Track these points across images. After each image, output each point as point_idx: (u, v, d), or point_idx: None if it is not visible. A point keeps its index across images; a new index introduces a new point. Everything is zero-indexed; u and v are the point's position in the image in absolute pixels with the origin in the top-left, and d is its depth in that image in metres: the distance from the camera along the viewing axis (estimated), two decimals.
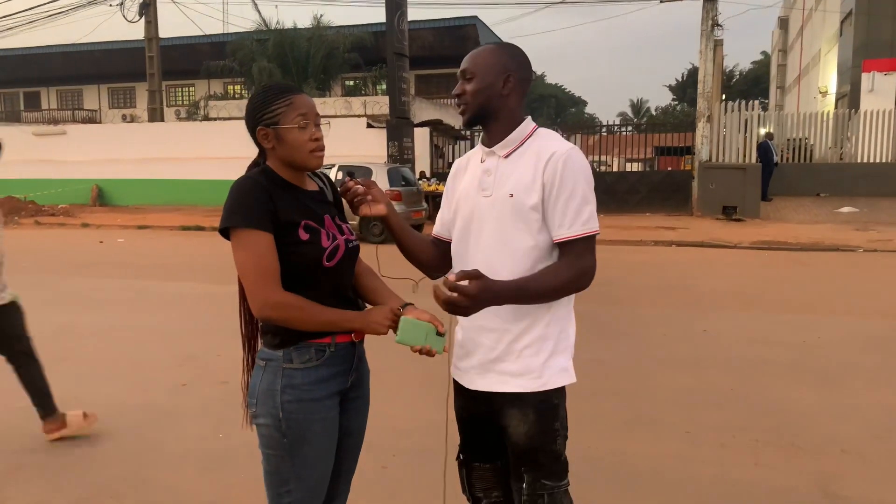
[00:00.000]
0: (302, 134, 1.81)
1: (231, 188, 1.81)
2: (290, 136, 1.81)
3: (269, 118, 1.82)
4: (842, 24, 27.51)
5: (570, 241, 1.82)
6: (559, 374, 1.91)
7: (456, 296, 1.68)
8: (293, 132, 1.81)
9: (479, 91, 1.89)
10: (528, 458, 1.90)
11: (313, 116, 1.84)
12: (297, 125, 1.81)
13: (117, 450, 3.73)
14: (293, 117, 1.81)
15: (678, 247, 12.33)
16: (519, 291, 1.79)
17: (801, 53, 39.07)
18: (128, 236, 15.13)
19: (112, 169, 21.58)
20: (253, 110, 1.85)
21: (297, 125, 1.81)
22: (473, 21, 30.71)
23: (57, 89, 40.45)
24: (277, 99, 1.83)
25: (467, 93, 1.91)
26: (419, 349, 1.80)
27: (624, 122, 41.44)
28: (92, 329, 6.48)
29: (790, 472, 3.35)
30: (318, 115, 1.87)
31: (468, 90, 1.91)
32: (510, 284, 1.79)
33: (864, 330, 6.12)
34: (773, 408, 4.22)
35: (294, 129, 1.81)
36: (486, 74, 1.89)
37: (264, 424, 1.83)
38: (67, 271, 10.17)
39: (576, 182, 1.82)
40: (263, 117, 1.83)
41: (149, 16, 22.71)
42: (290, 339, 1.82)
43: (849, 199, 17.15)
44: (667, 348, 5.63)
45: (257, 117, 1.84)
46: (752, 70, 65.30)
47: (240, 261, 1.78)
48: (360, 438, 2.04)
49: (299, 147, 1.82)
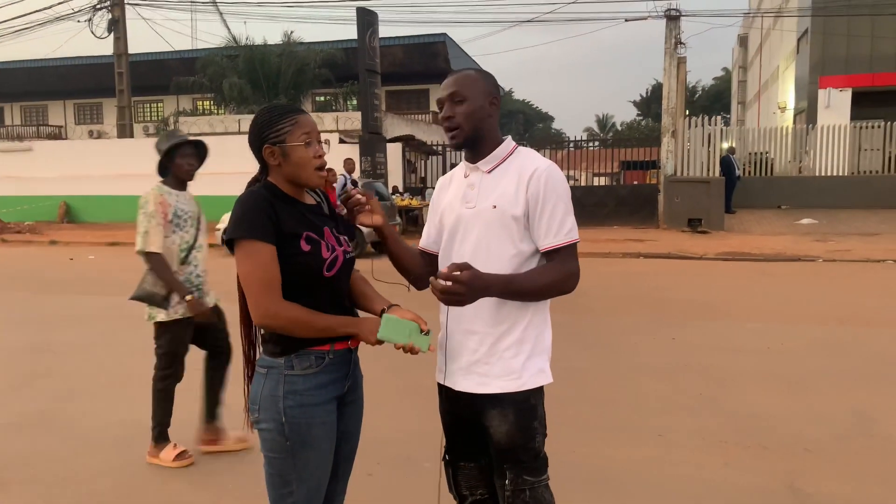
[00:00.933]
0: (307, 151, 1.93)
1: (236, 202, 1.91)
2: (295, 154, 1.92)
3: (274, 137, 1.92)
4: (798, 42, 28.41)
5: (556, 248, 1.97)
6: (537, 375, 2.05)
7: (451, 284, 1.80)
8: (299, 150, 1.92)
9: (471, 113, 2.01)
10: (510, 455, 2.03)
11: (316, 135, 1.96)
12: (302, 143, 1.92)
13: (106, 463, 3.77)
14: (298, 135, 1.92)
15: (646, 258, 12.62)
16: (508, 284, 1.93)
17: (761, 70, 40.21)
18: (98, 253, 14.95)
19: (80, 185, 21.29)
20: (259, 129, 1.95)
21: (303, 143, 1.92)
22: (443, 38, 31.06)
23: (21, 104, 39.78)
24: (283, 118, 1.93)
25: (458, 115, 2.01)
26: (402, 346, 1.90)
27: (590, 137, 42.15)
28: (70, 346, 6.46)
29: (758, 472, 3.53)
30: (319, 134, 2.00)
31: (459, 112, 2.01)
32: (500, 276, 1.93)
33: (825, 336, 6.39)
34: (742, 411, 4.41)
35: (300, 147, 1.92)
36: (477, 97, 2.02)
37: (267, 429, 1.92)
38: (38, 289, 10.05)
39: (557, 196, 1.98)
40: (269, 136, 1.93)
41: (118, 32, 22.53)
42: (290, 347, 1.91)
43: (808, 211, 17.72)
44: (640, 356, 5.82)
45: (263, 136, 1.94)
46: (714, 86, 66.91)
47: (243, 271, 1.88)
48: (356, 441, 2.14)
49: (305, 164, 1.93)
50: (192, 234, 3.80)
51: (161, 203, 3.67)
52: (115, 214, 21.11)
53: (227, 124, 22.98)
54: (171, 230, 3.70)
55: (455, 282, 1.80)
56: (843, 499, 3.24)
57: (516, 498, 2.03)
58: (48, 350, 6.30)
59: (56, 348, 6.37)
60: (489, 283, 1.88)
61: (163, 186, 3.76)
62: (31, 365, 5.81)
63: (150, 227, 3.63)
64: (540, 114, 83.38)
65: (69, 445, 4.02)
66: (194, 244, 3.81)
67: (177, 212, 3.73)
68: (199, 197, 4.11)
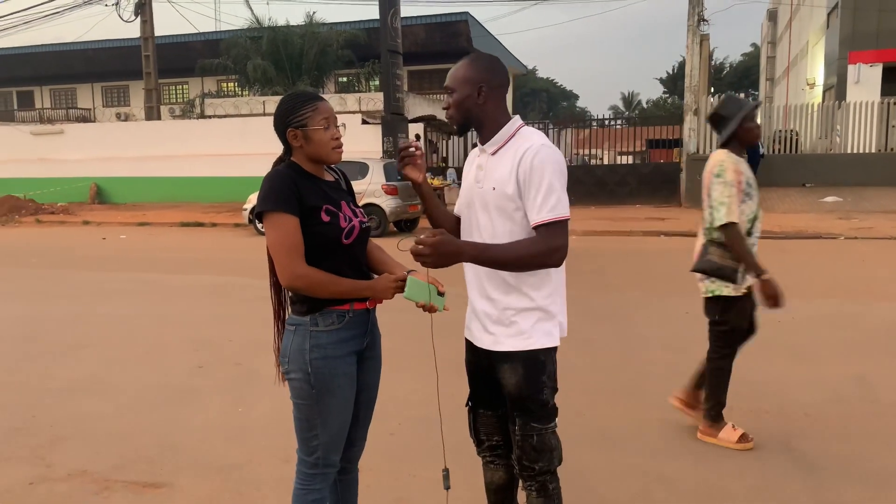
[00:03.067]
0: (325, 134, 2.18)
1: (264, 179, 2.17)
2: (316, 136, 2.17)
3: (298, 121, 2.17)
4: (828, 17, 27.88)
5: (542, 224, 2.14)
6: (544, 337, 2.27)
7: (420, 247, 2.01)
8: (318, 132, 2.17)
9: (458, 103, 2.24)
10: (519, 404, 2.27)
11: (333, 119, 2.21)
12: (322, 126, 2.17)
13: (146, 423, 4.09)
14: (318, 120, 2.17)
15: (666, 237, 12.72)
16: (482, 252, 2.12)
17: (790, 45, 39.49)
18: (129, 233, 15.43)
19: (110, 167, 21.86)
20: (283, 114, 2.20)
21: (322, 127, 2.17)
22: (465, 17, 31.00)
23: (50, 88, 40.54)
24: (305, 105, 2.18)
25: (451, 106, 2.27)
26: (423, 305, 2.16)
27: (615, 115, 41.88)
28: (108, 318, 6.83)
29: (758, 433, 3.71)
30: (336, 118, 2.24)
31: (451, 103, 2.27)
32: (474, 244, 2.15)
33: (833, 309, 6.52)
34: (746, 378, 4.57)
35: (320, 130, 2.17)
36: (462, 88, 2.23)
37: (296, 378, 2.19)
38: (75, 266, 10.49)
39: (543, 174, 2.13)
40: (293, 120, 2.18)
41: (144, 15, 22.92)
42: (315, 307, 2.17)
43: (834, 189, 17.56)
44: (651, 328, 6.02)
45: (287, 121, 2.19)
46: (742, 62, 65.75)
47: (271, 239, 2.13)
48: (374, 392, 2.41)
49: (324, 144, 2.18)
50: (757, 202, 3.54)
51: (736, 171, 3.43)
52: (143, 195, 21.67)
53: (251, 106, 23.33)
54: (742, 199, 3.46)
55: (422, 244, 2.01)
56: (836, 456, 3.44)
57: (525, 441, 2.27)
58: (89, 322, 6.67)
59: (96, 320, 6.74)
60: (461, 249, 2.08)
61: (731, 154, 3.50)
62: (75, 335, 6.18)
63: (730, 197, 3.39)
64: (564, 92, 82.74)
65: (113, 407, 4.35)
66: (758, 214, 3.57)
67: (748, 180, 3.49)
68: (226, 179, 4.28)
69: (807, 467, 3.34)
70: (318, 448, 2.21)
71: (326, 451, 2.22)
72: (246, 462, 3.53)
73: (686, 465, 3.41)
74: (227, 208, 18.37)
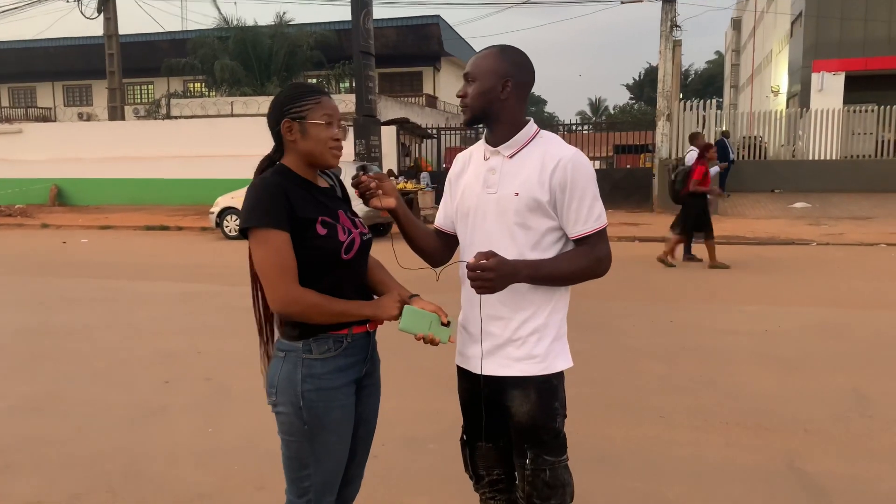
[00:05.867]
0: (326, 131, 1.92)
1: (248, 188, 1.90)
2: (313, 131, 1.90)
3: (296, 112, 1.90)
4: (792, 26, 28.33)
5: (589, 235, 1.99)
6: (559, 359, 2.07)
7: (480, 272, 1.83)
8: (318, 127, 1.90)
9: (479, 94, 2.01)
10: (531, 435, 2.05)
11: (337, 119, 1.95)
12: (323, 122, 1.91)
13: (107, 447, 3.77)
14: (320, 114, 1.91)
15: (641, 242, 12.66)
16: (537, 269, 1.95)
17: (754, 53, 40.12)
18: (91, 236, 14.87)
19: (71, 168, 21.12)
20: (281, 103, 1.93)
21: (324, 122, 1.91)
22: (436, 20, 30.84)
23: (9, 86, 39.30)
24: (307, 96, 1.92)
25: (468, 95, 2.03)
26: (422, 337, 1.93)
27: (583, 120, 42.08)
28: (68, 328, 6.44)
29: (759, 451, 3.57)
30: (340, 120, 1.98)
31: (469, 93, 2.03)
32: (528, 262, 1.94)
33: (820, 319, 6.45)
34: (741, 392, 4.46)
35: (320, 125, 1.90)
36: (486, 79, 2.01)
37: (285, 412, 1.92)
38: (32, 272, 10.00)
39: (586, 183, 1.98)
40: (291, 110, 1.90)
41: (108, 12, 22.26)
42: (309, 331, 1.91)
43: (802, 195, 17.78)
44: (638, 338, 5.86)
45: (284, 110, 1.91)
46: (707, 69, 66.73)
47: (259, 259, 1.85)
48: (373, 424, 2.15)
49: (321, 143, 1.91)
50: None
51: None
52: (106, 197, 21.01)
53: (219, 107, 22.81)
54: None
55: (483, 269, 1.83)
56: (843, 477, 3.29)
57: (536, 477, 2.05)
58: (47, 333, 6.28)
59: (54, 331, 6.35)
60: (517, 268, 1.91)
61: None
62: (31, 347, 5.80)
63: None
64: (532, 97, 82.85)
65: (72, 428, 4.02)
66: None
67: None
68: (192, 181, 4.03)
69: (816, 491, 3.18)
70: (311, 490, 1.95)
71: (319, 493, 1.96)
72: (216, 490, 3.25)
73: (689, 488, 3.23)
74: (194, 211, 17.86)
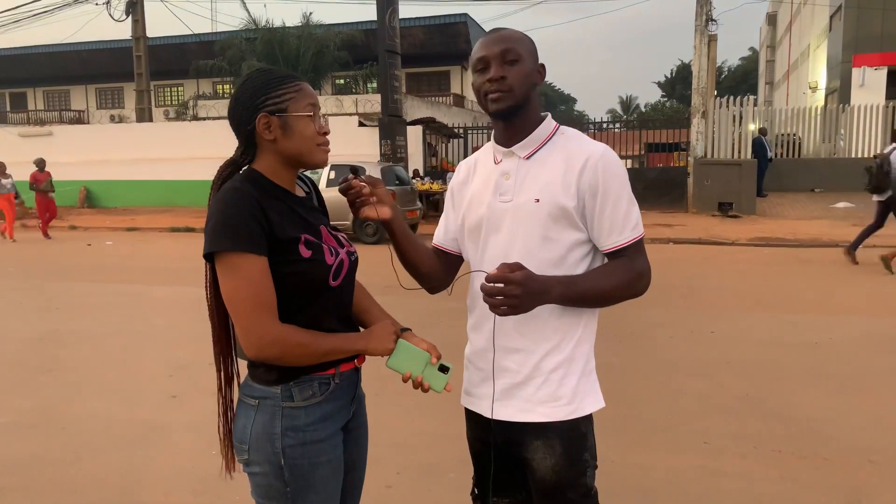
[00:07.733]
0: (312, 124, 1.58)
1: (214, 202, 1.53)
2: (299, 126, 1.56)
3: (273, 104, 1.55)
4: (831, 19, 27.46)
5: (627, 245, 1.65)
6: (587, 400, 1.72)
7: (503, 286, 1.48)
8: (304, 121, 1.56)
9: (526, 76, 1.65)
10: (556, 495, 1.70)
11: (319, 107, 1.62)
12: (308, 114, 1.57)
13: (102, 470, 3.51)
14: (304, 105, 1.57)
15: (676, 244, 12.20)
16: (569, 286, 1.60)
17: (790, 49, 39.08)
18: (116, 238, 14.86)
19: (100, 170, 21.22)
20: (251, 95, 1.56)
21: (309, 114, 1.57)
22: (464, 18, 30.52)
23: (44, 90, 39.98)
24: (284, 84, 1.57)
25: (510, 77, 1.63)
26: (411, 378, 1.60)
27: (614, 118, 41.35)
28: (80, 336, 6.25)
29: (818, 486, 3.18)
30: (320, 108, 1.65)
31: (513, 74, 1.64)
32: (558, 278, 1.59)
33: (877, 330, 5.96)
34: (792, 415, 4.05)
35: (305, 119, 1.57)
36: (530, 60, 1.67)
37: (261, 473, 1.57)
38: (54, 276, 9.90)
39: (620, 185, 1.64)
40: (266, 103, 1.55)
41: (136, 14, 22.36)
42: (289, 374, 1.56)
43: (843, 195, 17.07)
44: (675, 351, 5.47)
45: (258, 103, 1.55)
46: (741, 66, 65.48)
47: (228, 291, 1.50)
48: (362, 471, 1.82)
49: (308, 139, 1.58)
50: None
51: None
52: (133, 199, 21.10)
53: None
54: None
55: (508, 283, 1.48)
56: None
57: None
58: (57, 341, 6.10)
59: (65, 339, 6.16)
60: (548, 285, 1.55)
61: None
62: (37, 357, 5.61)
63: None
64: (562, 95, 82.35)
65: (70, 448, 3.77)
66: None
67: None
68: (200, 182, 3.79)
69: None
70: None
71: None
72: None
73: None
74: None
